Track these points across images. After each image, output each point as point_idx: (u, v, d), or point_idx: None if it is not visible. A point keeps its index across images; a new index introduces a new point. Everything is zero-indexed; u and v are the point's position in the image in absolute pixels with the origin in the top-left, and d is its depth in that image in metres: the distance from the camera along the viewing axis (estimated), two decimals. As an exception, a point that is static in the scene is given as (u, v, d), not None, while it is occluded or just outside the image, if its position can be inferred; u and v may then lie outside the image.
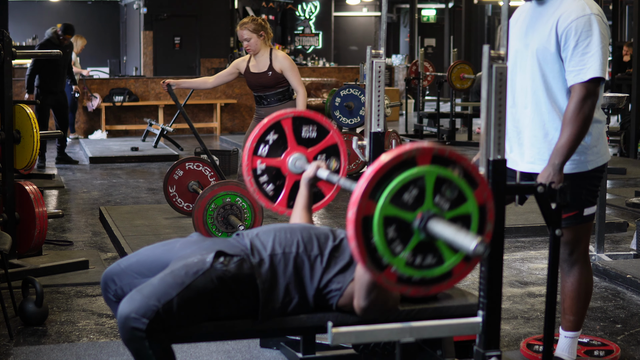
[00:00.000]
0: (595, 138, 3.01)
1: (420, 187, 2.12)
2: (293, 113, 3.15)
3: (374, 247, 2.11)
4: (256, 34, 5.59)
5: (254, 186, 3.12)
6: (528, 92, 3.03)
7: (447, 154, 2.15)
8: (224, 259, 2.55)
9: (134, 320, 2.38)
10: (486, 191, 2.18)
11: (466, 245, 1.99)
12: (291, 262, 2.60)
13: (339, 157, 3.20)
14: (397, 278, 2.14)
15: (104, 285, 2.70)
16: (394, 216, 2.10)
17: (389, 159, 2.11)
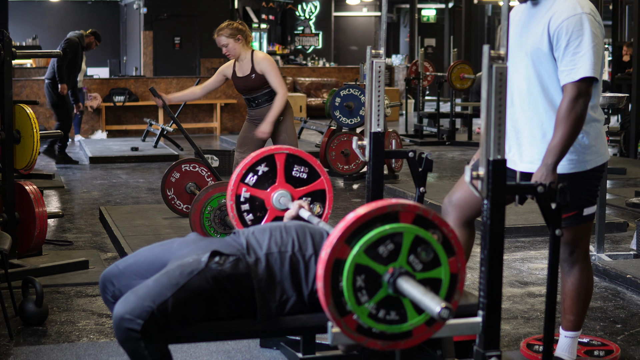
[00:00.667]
0: (593, 137, 3.01)
1: (397, 243, 2.14)
2: (289, 150, 3.17)
3: (340, 291, 2.12)
4: (233, 38, 5.57)
5: (233, 211, 3.14)
6: (524, 92, 3.03)
7: (431, 217, 2.17)
8: (219, 258, 2.55)
9: (128, 321, 2.38)
10: (461, 262, 2.21)
11: (432, 307, 2.01)
12: (287, 261, 2.59)
13: (324, 203, 3.21)
14: (357, 327, 2.16)
15: (102, 286, 2.70)
16: (365, 265, 2.12)
17: (372, 209, 2.13)
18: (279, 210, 3.15)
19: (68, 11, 18.81)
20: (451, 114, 11.83)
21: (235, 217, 3.15)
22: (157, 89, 13.16)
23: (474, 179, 2.32)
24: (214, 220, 5.11)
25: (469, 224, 3.23)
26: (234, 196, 3.13)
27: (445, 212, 3.25)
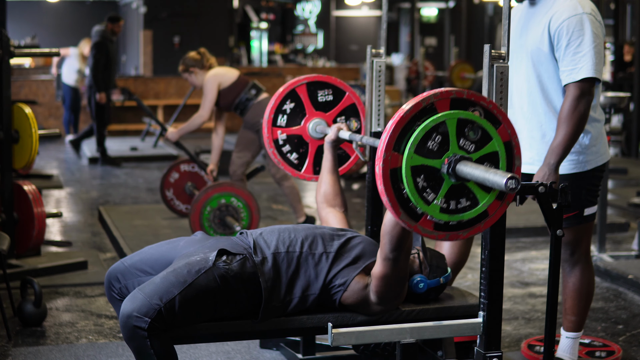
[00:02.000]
0: (594, 138, 2.99)
1: (443, 133, 2.13)
2: (307, 79, 3.17)
3: (406, 197, 2.12)
4: (187, 73, 5.65)
5: (277, 157, 3.15)
6: (524, 93, 3.01)
7: (466, 96, 2.15)
8: (226, 257, 2.54)
9: (136, 319, 2.37)
10: (510, 127, 2.19)
11: (498, 182, 2.00)
12: (294, 261, 2.59)
13: (358, 116, 3.22)
14: (434, 225, 2.17)
15: (107, 283, 2.69)
16: (421, 165, 2.11)
17: (408, 109, 2.12)
18: (319, 139, 3.18)
19: (67, 10, 18.79)
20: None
21: (281, 162, 3.16)
22: (157, 88, 13.15)
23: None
24: (214, 221, 5.10)
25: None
26: (272, 142, 3.14)
27: None
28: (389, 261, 2.46)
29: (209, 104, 5.61)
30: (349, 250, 2.65)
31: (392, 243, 2.42)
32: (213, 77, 5.58)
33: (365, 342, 2.40)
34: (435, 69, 13.05)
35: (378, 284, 2.53)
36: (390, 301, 2.58)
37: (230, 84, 5.56)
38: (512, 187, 1.97)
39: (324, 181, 3.06)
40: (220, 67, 5.70)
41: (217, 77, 5.57)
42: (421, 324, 2.43)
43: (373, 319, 2.61)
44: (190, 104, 13.02)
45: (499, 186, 1.99)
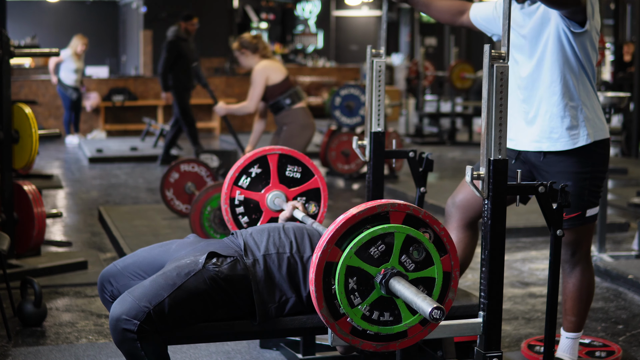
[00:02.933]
0: (590, 111, 2.98)
1: (389, 244, 2.14)
2: (281, 150, 3.15)
3: (333, 294, 2.12)
4: (238, 52, 5.70)
5: (228, 214, 3.12)
6: (524, 72, 3.01)
7: (422, 215, 2.17)
8: (216, 259, 2.54)
9: (124, 322, 2.36)
10: (454, 260, 2.20)
11: (423, 309, 2.00)
12: (285, 262, 2.59)
13: (319, 202, 3.20)
14: (351, 329, 2.16)
15: (100, 286, 2.70)
16: (357, 267, 2.12)
17: (362, 210, 2.13)
18: (274, 211, 3.14)
19: (67, 10, 18.79)
20: (452, 113, 11.81)
21: (230, 220, 3.13)
22: (157, 88, 13.14)
23: (474, 178, 2.31)
24: (214, 221, 5.09)
25: (472, 226, 3.21)
26: (228, 199, 3.12)
27: (449, 214, 3.23)
28: None
29: (257, 97, 5.68)
30: None
31: None
32: (262, 69, 5.65)
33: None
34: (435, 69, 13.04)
35: None
36: None
37: (277, 82, 5.68)
38: (436, 318, 1.97)
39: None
40: (272, 61, 5.75)
41: (266, 71, 5.65)
42: (421, 324, 2.42)
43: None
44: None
45: (424, 312, 1.99)
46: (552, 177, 2.98)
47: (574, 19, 2.87)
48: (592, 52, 2.97)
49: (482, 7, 3.22)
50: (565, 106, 2.96)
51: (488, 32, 3.23)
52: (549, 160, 3.01)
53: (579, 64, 2.96)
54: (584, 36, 2.92)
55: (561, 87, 2.95)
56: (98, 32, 18.16)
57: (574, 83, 2.96)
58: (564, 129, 2.97)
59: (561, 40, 2.92)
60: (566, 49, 2.93)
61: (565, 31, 2.92)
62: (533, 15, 2.96)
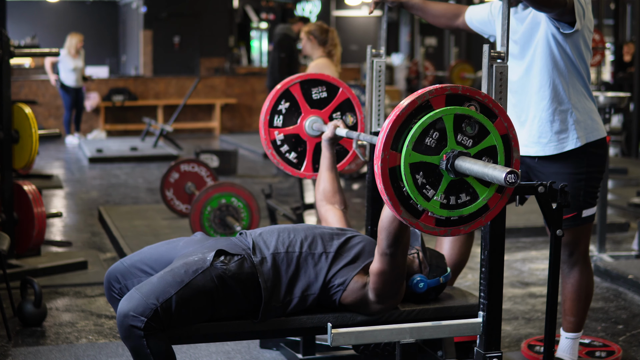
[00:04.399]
0: (582, 113, 2.97)
1: (441, 129, 2.13)
2: (299, 78, 3.18)
3: (407, 195, 2.13)
4: (306, 35, 5.62)
5: (276, 158, 3.17)
6: (515, 75, 3.01)
7: (461, 91, 2.16)
8: (224, 257, 2.54)
9: (132, 319, 2.37)
10: (506, 120, 2.20)
11: (497, 177, 2.01)
12: (294, 261, 2.59)
13: (353, 110, 3.23)
14: (435, 221, 2.18)
15: (107, 283, 2.69)
16: (420, 162, 2.12)
17: (404, 108, 2.12)
18: (316, 137, 3.19)
19: (67, 11, 18.79)
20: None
21: (280, 163, 3.19)
22: (157, 88, 13.13)
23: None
24: (214, 221, 5.09)
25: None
26: (269, 143, 3.16)
27: None
28: (387, 257, 2.47)
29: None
30: (348, 249, 2.65)
31: (389, 238, 2.43)
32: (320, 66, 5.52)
33: (365, 342, 2.40)
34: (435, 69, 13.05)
35: (376, 280, 2.52)
36: (388, 299, 2.58)
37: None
38: (512, 182, 1.98)
39: (322, 179, 3.07)
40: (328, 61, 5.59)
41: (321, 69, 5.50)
42: (421, 324, 2.43)
43: (373, 319, 2.61)
44: (190, 104, 13.03)
45: (499, 181, 2.00)
46: (547, 178, 2.98)
47: (562, 20, 2.86)
48: (586, 51, 2.97)
49: (478, 10, 3.23)
50: (554, 111, 2.96)
51: (484, 34, 3.24)
52: (543, 163, 3.02)
53: (570, 66, 2.95)
54: (576, 36, 2.92)
55: (550, 91, 2.95)
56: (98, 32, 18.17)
57: (563, 87, 2.95)
58: (552, 133, 2.97)
59: (550, 45, 2.92)
60: (555, 53, 2.93)
61: (555, 35, 2.91)
62: (524, 20, 2.96)
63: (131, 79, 13.38)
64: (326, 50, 5.61)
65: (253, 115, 13.57)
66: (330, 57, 5.61)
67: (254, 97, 13.43)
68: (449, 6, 3.30)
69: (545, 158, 3.00)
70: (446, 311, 2.70)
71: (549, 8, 2.75)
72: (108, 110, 12.73)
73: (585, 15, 2.89)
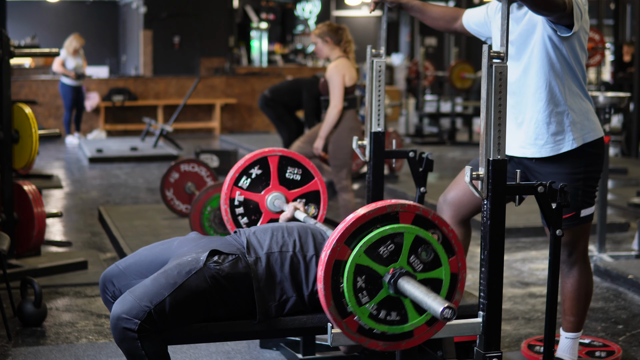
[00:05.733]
0: (578, 114, 2.97)
1: (398, 244, 2.16)
2: (281, 152, 3.16)
3: (341, 292, 2.13)
4: (321, 39, 5.48)
5: (228, 215, 3.13)
6: (514, 76, 3.01)
7: (431, 217, 2.18)
8: (218, 257, 2.53)
9: (125, 321, 2.37)
10: (461, 261, 2.22)
11: (434, 308, 2.02)
12: (288, 261, 2.58)
13: (319, 204, 3.20)
14: (358, 327, 2.17)
15: (102, 286, 2.69)
16: (366, 266, 2.13)
17: (372, 210, 2.14)
18: (274, 212, 3.15)
19: (67, 10, 18.80)
20: (452, 113, 11.81)
21: (230, 221, 3.14)
22: (157, 88, 13.14)
23: (473, 179, 2.31)
24: (214, 221, 5.09)
25: (465, 223, 3.22)
26: (227, 200, 3.12)
27: (440, 210, 3.23)
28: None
29: (340, 96, 5.38)
30: None
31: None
32: (338, 68, 5.41)
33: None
34: (435, 69, 13.04)
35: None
36: None
37: (347, 85, 5.43)
38: (447, 317, 2.00)
39: None
40: (348, 61, 5.48)
41: (343, 69, 5.41)
42: (421, 324, 2.43)
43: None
44: (190, 104, 13.03)
45: (434, 312, 2.01)
46: (544, 178, 2.98)
47: (560, 23, 2.86)
48: (582, 52, 2.97)
49: (474, 13, 3.23)
50: (550, 112, 2.96)
51: (481, 37, 3.24)
52: (540, 163, 3.02)
53: (566, 68, 2.95)
54: (573, 38, 2.92)
55: (546, 93, 2.95)
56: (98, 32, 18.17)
57: (560, 89, 2.95)
58: (549, 135, 2.97)
59: (546, 47, 2.92)
60: (551, 55, 2.93)
61: (551, 37, 2.91)
62: (521, 21, 2.96)
63: (131, 79, 13.38)
64: (342, 48, 5.51)
65: (253, 115, 13.57)
66: (347, 55, 5.53)
67: (254, 97, 13.43)
68: (447, 9, 3.30)
69: (543, 159, 3.01)
70: (446, 311, 2.69)
71: (548, 12, 2.75)
72: (108, 110, 12.72)
73: (582, 17, 2.89)
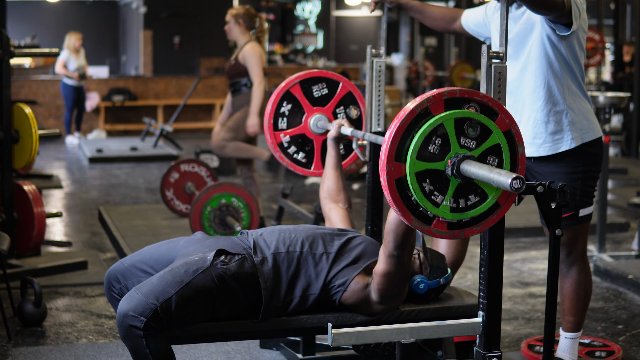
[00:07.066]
0: (577, 114, 2.97)
1: (443, 135, 2.14)
2: (298, 78, 3.19)
3: (416, 203, 2.14)
4: (234, 19, 5.48)
5: (285, 160, 3.19)
6: (511, 76, 3.01)
7: (459, 94, 2.16)
8: (224, 257, 2.54)
9: (131, 319, 2.37)
10: (508, 117, 2.20)
11: (503, 183, 2.01)
12: (295, 261, 2.59)
13: (356, 103, 3.24)
14: (447, 225, 2.18)
15: (107, 283, 2.69)
16: (425, 170, 2.13)
17: (404, 118, 2.12)
18: (322, 134, 3.21)
19: (67, 10, 18.79)
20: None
21: (290, 164, 3.21)
22: (157, 88, 13.14)
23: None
24: (214, 221, 5.09)
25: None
26: (276, 146, 3.18)
27: None
28: (393, 258, 2.47)
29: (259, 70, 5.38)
30: (349, 250, 2.65)
31: (396, 241, 2.43)
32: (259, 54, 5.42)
33: (365, 342, 2.40)
34: (435, 69, 13.04)
35: (381, 282, 2.53)
36: (391, 300, 2.58)
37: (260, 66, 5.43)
38: (517, 187, 1.99)
39: (327, 177, 3.09)
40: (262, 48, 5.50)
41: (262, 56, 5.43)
42: (421, 324, 2.43)
43: (373, 319, 2.61)
44: (190, 104, 13.02)
45: (504, 187, 2.01)
46: (543, 178, 2.98)
47: (559, 22, 2.86)
48: (580, 52, 2.97)
49: (473, 13, 3.23)
50: (549, 112, 2.96)
51: (480, 37, 3.24)
52: (539, 163, 3.02)
53: (565, 67, 2.94)
54: (571, 37, 2.92)
55: (545, 92, 2.95)
56: (98, 32, 18.16)
57: (558, 88, 2.95)
58: (547, 134, 2.97)
59: (545, 46, 2.92)
60: (550, 55, 2.93)
61: (550, 36, 2.91)
62: (519, 20, 2.96)
63: (131, 79, 13.38)
64: (254, 36, 5.50)
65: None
66: (260, 43, 5.51)
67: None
68: (446, 9, 3.30)
69: (541, 158, 3.00)
70: (446, 311, 2.70)
71: (547, 11, 2.75)
72: (108, 110, 12.72)
73: (580, 16, 2.89)
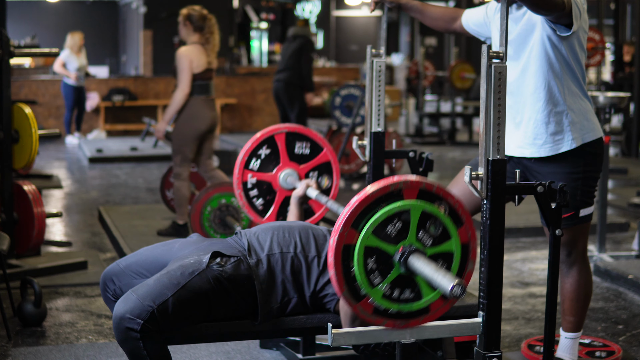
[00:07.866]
0: (577, 114, 2.97)
1: (405, 221, 2.14)
2: (287, 129, 3.16)
3: (353, 276, 2.11)
4: (183, 19, 5.47)
5: (243, 200, 3.13)
6: (512, 76, 3.01)
7: (434, 190, 2.16)
8: (220, 259, 2.54)
9: (128, 321, 2.37)
10: (470, 230, 2.20)
11: (444, 286, 2.01)
12: (288, 262, 2.59)
13: (331, 174, 3.20)
14: (374, 309, 2.16)
15: (103, 284, 2.70)
16: (375, 247, 2.11)
17: (375, 190, 2.12)
18: (288, 190, 3.16)
19: (67, 10, 18.80)
20: (452, 113, 11.80)
21: (245, 205, 3.15)
22: (157, 88, 13.14)
23: (473, 179, 2.30)
24: (214, 221, 5.09)
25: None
26: (240, 184, 3.13)
27: None
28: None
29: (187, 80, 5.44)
30: None
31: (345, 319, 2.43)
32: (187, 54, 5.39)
33: (365, 342, 2.39)
34: (435, 69, 13.03)
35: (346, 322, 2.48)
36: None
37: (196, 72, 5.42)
38: (457, 295, 1.98)
39: None
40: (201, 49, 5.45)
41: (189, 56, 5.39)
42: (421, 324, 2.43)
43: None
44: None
45: (444, 290, 2.01)
46: (543, 178, 2.98)
47: (559, 23, 2.86)
48: (581, 52, 2.97)
49: (473, 13, 3.23)
50: (549, 112, 2.95)
51: (480, 37, 3.24)
52: (539, 163, 3.02)
53: (565, 67, 2.94)
54: (571, 37, 2.92)
55: (545, 93, 2.95)
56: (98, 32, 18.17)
57: (559, 88, 2.95)
58: (548, 135, 2.97)
59: (545, 47, 2.92)
60: (550, 55, 2.92)
61: (550, 36, 2.91)
62: (519, 21, 2.96)
63: (131, 79, 13.38)
64: (203, 37, 5.45)
65: (253, 115, 13.57)
66: (207, 45, 5.46)
67: (254, 97, 13.43)
68: (446, 9, 3.30)
69: (542, 159, 3.00)
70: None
71: (547, 11, 2.75)
72: (108, 110, 12.72)
73: (581, 17, 2.89)
